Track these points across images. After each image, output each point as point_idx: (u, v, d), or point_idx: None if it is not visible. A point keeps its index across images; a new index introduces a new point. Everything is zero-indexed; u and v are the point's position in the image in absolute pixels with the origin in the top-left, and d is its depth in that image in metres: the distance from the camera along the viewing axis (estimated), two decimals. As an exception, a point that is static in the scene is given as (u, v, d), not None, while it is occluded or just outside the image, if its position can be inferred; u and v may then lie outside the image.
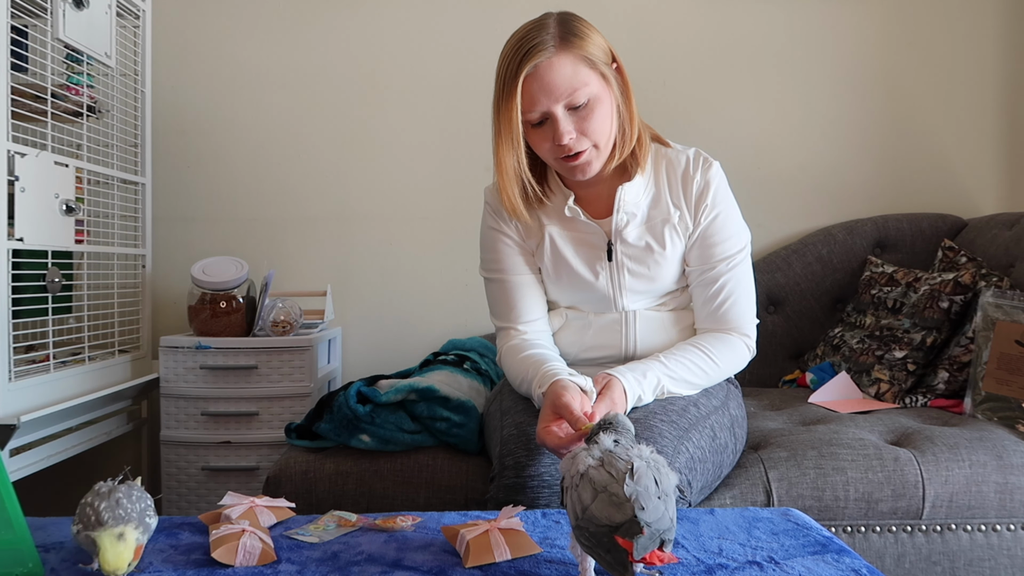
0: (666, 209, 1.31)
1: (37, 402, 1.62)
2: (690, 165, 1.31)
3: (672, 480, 0.77)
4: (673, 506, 0.76)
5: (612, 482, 0.75)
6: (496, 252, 1.37)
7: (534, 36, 1.19)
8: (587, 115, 1.21)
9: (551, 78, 1.18)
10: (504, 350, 1.36)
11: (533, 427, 1.19)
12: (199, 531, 0.96)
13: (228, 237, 2.31)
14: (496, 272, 1.38)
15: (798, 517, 1.00)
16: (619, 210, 1.30)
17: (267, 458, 1.91)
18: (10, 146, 1.54)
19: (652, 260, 1.31)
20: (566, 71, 1.18)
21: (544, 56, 1.17)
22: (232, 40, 2.31)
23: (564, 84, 1.18)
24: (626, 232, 1.31)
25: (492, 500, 1.15)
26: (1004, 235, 1.97)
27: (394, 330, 2.33)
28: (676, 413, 1.23)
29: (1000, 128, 2.34)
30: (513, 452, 1.17)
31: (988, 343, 1.62)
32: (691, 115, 2.30)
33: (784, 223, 2.32)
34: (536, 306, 1.37)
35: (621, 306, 1.34)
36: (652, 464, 0.77)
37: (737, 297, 1.32)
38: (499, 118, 1.22)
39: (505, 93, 1.20)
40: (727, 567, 0.83)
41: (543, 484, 1.12)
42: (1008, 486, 1.34)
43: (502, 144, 1.23)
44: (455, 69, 2.30)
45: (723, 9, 2.31)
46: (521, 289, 1.36)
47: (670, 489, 0.76)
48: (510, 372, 1.34)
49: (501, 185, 1.28)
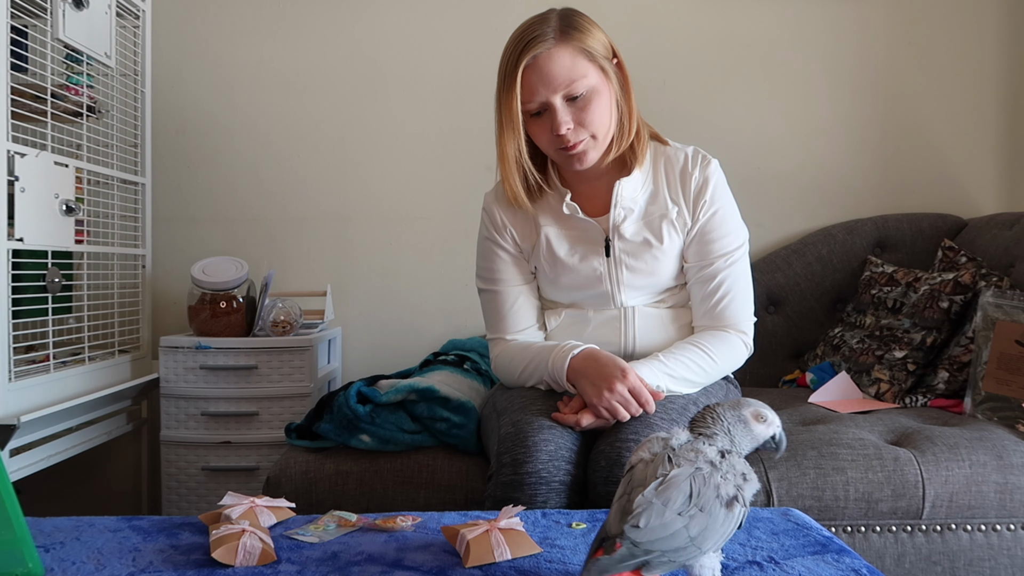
0: (664, 205, 1.32)
1: (37, 402, 1.62)
2: (689, 162, 1.32)
3: (728, 492, 0.69)
4: (710, 523, 0.67)
5: (639, 487, 0.69)
6: (491, 263, 1.40)
7: (535, 28, 1.22)
8: (585, 106, 1.23)
9: (549, 69, 1.21)
10: (497, 357, 1.39)
11: (531, 423, 1.20)
12: (199, 531, 0.96)
13: (228, 237, 2.31)
14: (491, 283, 1.41)
15: (798, 517, 1.00)
16: (616, 205, 1.30)
17: (267, 458, 1.91)
18: (10, 146, 1.54)
19: (650, 255, 1.31)
20: (564, 63, 1.21)
21: (543, 47, 1.21)
22: (232, 40, 2.31)
23: (562, 75, 1.21)
24: (624, 227, 1.31)
25: (490, 498, 1.16)
26: (1004, 235, 1.97)
27: (394, 330, 2.33)
28: (676, 412, 1.23)
29: (1000, 128, 2.34)
30: (511, 450, 1.17)
31: (988, 343, 1.62)
32: (691, 115, 2.30)
33: (784, 223, 2.32)
34: (527, 316, 1.40)
35: (620, 302, 1.34)
36: (706, 473, 0.69)
37: (735, 294, 1.32)
38: (501, 108, 1.26)
39: (506, 83, 1.24)
40: (727, 567, 0.83)
41: (540, 481, 1.12)
42: (1008, 486, 1.34)
43: (504, 133, 1.26)
44: (455, 69, 2.30)
45: (723, 9, 2.31)
46: (514, 300, 1.39)
47: (712, 504, 0.68)
48: (507, 368, 1.37)
49: (504, 174, 1.31)
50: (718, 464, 0.71)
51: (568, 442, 1.18)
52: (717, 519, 0.68)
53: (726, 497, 0.69)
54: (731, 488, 0.69)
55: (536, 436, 1.18)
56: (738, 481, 0.70)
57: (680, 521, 0.66)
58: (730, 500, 0.68)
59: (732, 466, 0.70)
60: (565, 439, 1.18)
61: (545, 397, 1.29)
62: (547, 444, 1.16)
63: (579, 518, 1.00)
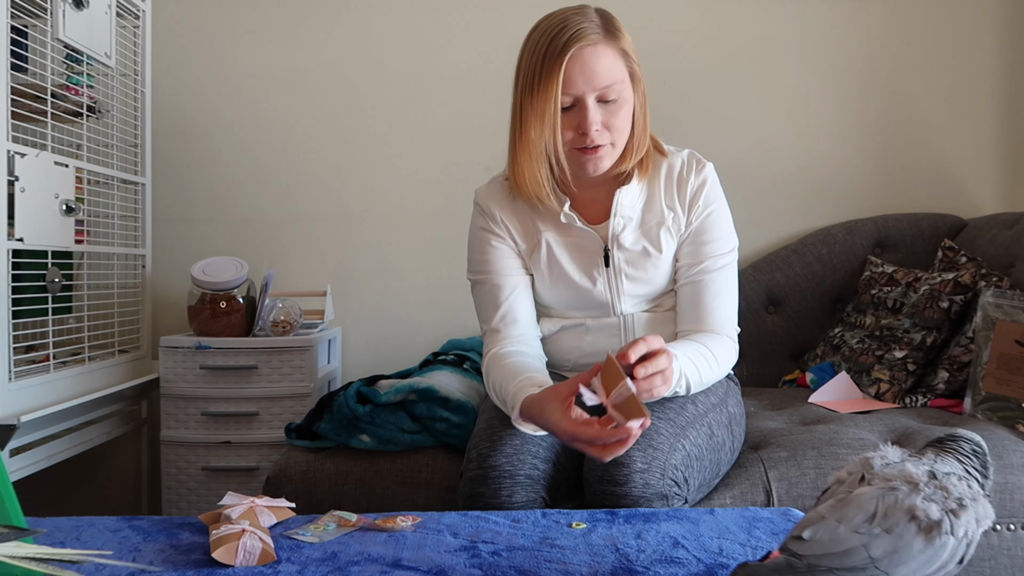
0: (660, 212, 1.30)
1: (37, 402, 1.62)
2: (684, 167, 1.31)
3: (929, 515, 0.60)
4: (900, 547, 0.59)
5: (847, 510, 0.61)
6: (485, 253, 1.35)
7: (579, 20, 1.18)
8: (615, 111, 1.20)
9: (594, 64, 1.17)
10: (490, 357, 1.29)
11: (503, 420, 1.19)
12: (199, 531, 0.96)
13: (228, 237, 2.31)
14: (483, 274, 1.35)
15: (798, 517, 1.00)
16: (616, 214, 1.28)
17: (267, 458, 1.91)
18: (10, 146, 1.54)
19: (649, 264, 1.30)
20: (607, 61, 1.18)
21: (590, 41, 1.16)
22: (232, 40, 2.31)
23: (604, 73, 1.18)
24: (623, 236, 1.30)
25: (460, 496, 1.16)
26: (1004, 235, 1.97)
27: (394, 330, 2.33)
28: (674, 411, 1.22)
29: (1000, 128, 2.34)
30: (477, 445, 1.17)
31: (988, 343, 1.62)
32: (691, 115, 2.30)
33: (784, 223, 2.32)
34: (526, 309, 1.34)
35: (619, 310, 1.33)
36: (901, 494, 0.60)
37: (724, 298, 1.30)
38: (533, 96, 1.18)
39: (543, 70, 1.17)
40: (727, 567, 0.83)
41: (503, 474, 1.12)
42: (1008, 486, 1.34)
43: (531, 123, 1.19)
44: (455, 69, 2.30)
45: (723, 9, 2.31)
46: (510, 291, 1.33)
47: (904, 527, 0.59)
48: (492, 380, 1.25)
49: (523, 168, 1.24)
50: (923, 485, 0.62)
51: (538, 437, 1.17)
52: (910, 545, 0.59)
53: (924, 521, 0.60)
54: (935, 511, 0.60)
55: (503, 430, 1.17)
56: (949, 505, 0.61)
57: (857, 539, 0.59)
58: (930, 525, 0.60)
59: (944, 488, 0.62)
60: (535, 435, 1.17)
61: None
62: (512, 438, 1.16)
63: (579, 518, 1.00)
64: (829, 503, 0.63)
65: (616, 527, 0.96)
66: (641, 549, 0.89)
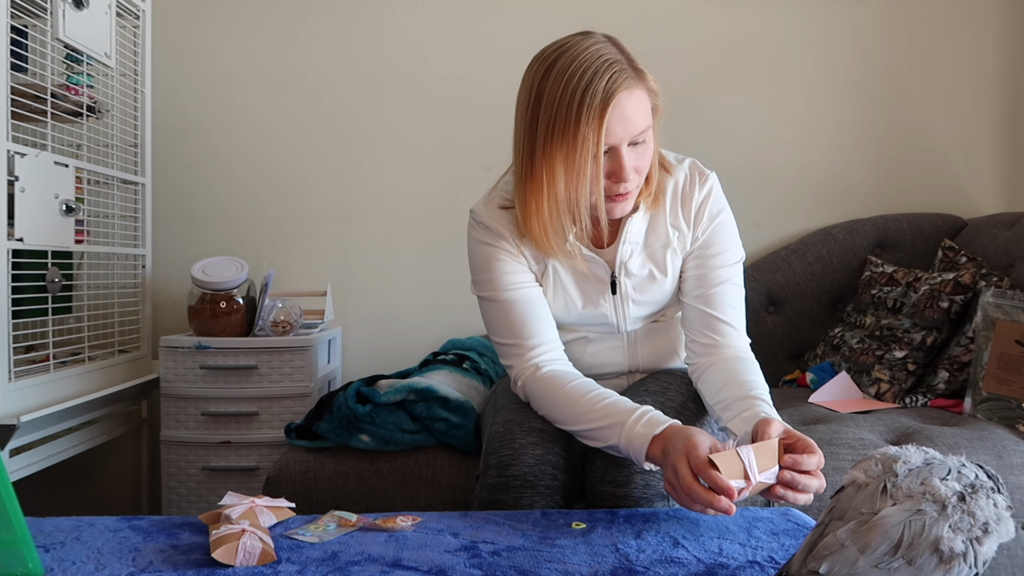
0: (664, 234, 1.26)
1: (37, 402, 1.62)
2: (687, 181, 1.26)
3: (953, 547, 0.54)
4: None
5: (838, 521, 0.56)
6: (493, 270, 1.25)
7: (608, 59, 1.09)
8: (643, 152, 1.14)
9: (631, 112, 1.09)
10: (528, 380, 1.21)
11: (521, 424, 1.17)
12: (199, 531, 0.96)
13: (228, 237, 2.31)
14: (496, 290, 1.24)
15: (798, 517, 1.00)
16: (625, 241, 1.24)
17: (267, 458, 1.91)
18: (10, 146, 1.54)
19: (656, 287, 1.27)
20: (641, 106, 1.11)
21: (626, 86, 1.08)
22: (232, 40, 2.31)
23: (638, 119, 1.10)
24: (630, 263, 1.26)
25: (477, 500, 1.15)
26: (1004, 235, 1.97)
27: (394, 330, 2.33)
28: (674, 410, 1.22)
29: (1000, 128, 2.34)
30: (497, 451, 1.15)
31: (988, 343, 1.62)
32: (691, 115, 2.30)
33: (784, 223, 2.32)
34: (548, 320, 1.26)
35: (623, 329, 1.32)
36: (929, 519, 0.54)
37: (735, 308, 1.28)
38: (566, 148, 1.09)
39: (582, 121, 1.07)
40: (727, 567, 0.83)
41: (526, 484, 1.10)
42: (1008, 486, 1.34)
43: (563, 178, 1.10)
44: (455, 69, 2.30)
45: (723, 9, 2.31)
46: (530, 305, 1.23)
47: (926, 560, 0.55)
48: (550, 410, 1.18)
49: (546, 224, 1.15)
50: (952, 508, 0.56)
51: (558, 446, 1.15)
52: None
53: (947, 552, 0.54)
54: (959, 544, 0.55)
55: (524, 438, 1.14)
56: (974, 533, 0.55)
57: (876, 573, 0.54)
58: (950, 556, 0.54)
59: (971, 513, 0.56)
60: (555, 443, 1.15)
61: None
62: (535, 448, 1.13)
63: (579, 518, 1.00)
64: (851, 526, 0.56)
65: (616, 527, 0.96)
66: (641, 549, 0.89)
